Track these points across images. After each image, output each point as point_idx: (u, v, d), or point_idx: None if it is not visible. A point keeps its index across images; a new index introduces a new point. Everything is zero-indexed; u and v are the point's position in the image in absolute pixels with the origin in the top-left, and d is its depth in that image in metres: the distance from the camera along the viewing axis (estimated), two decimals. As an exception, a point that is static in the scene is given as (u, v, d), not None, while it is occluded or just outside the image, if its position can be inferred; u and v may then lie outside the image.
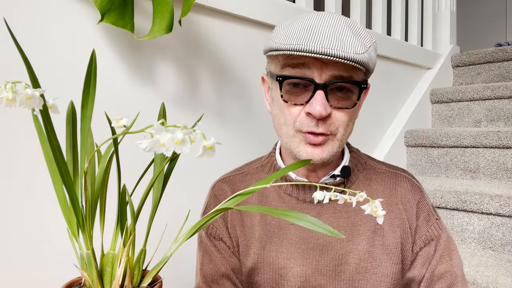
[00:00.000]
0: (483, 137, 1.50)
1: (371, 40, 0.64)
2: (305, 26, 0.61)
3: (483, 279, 1.05)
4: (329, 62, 0.60)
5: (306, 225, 0.41)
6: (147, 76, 0.85)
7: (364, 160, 0.77)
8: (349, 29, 0.61)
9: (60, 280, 0.50)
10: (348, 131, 0.66)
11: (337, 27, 0.61)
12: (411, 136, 1.71)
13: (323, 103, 0.59)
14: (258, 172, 0.77)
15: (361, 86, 0.61)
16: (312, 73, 0.60)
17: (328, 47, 0.57)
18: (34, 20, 0.69)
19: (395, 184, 0.73)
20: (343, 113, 0.63)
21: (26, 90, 0.35)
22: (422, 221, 0.71)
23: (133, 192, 0.50)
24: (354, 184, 0.73)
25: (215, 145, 0.40)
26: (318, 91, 0.60)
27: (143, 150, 0.36)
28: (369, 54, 0.61)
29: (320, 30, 0.60)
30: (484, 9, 3.83)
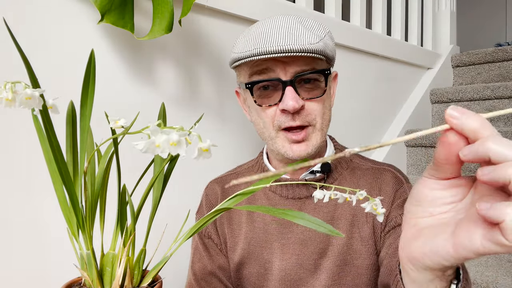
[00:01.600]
0: (483, 137, 1.50)
1: (324, 30, 0.67)
2: (259, 31, 0.65)
3: (483, 279, 1.05)
4: (290, 60, 0.63)
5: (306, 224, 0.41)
6: (147, 76, 0.85)
7: (350, 158, 0.78)
8: (300, 25, 0.65)
9: (60, 280, 0.50)
10: (326, 119, 0.69)
11: (289, 25, 0.64)
12: (411, 136, 1.71)
13: (294, 97, 0.63)
14: (248, 173, 0.81)
15: (325, 73, 0.65)
16: (277, 74, 0.64)
17: (283, 44, 0.60)
18: (34, 20, 0.69)
19: (378, 179, 0.74)
20: (315, 102, 0.66)
21: (25, 90, 0.35)
22: (395, 207, 0.70)
23: (133, 192, 0.50)
24: (337, 180, 0.74)
25: (211, 147, 0.40)
26: (287, 88, 0.64)
27: (140, 151, 0.36)
28: (324, 42, 0.64)
29: (273, 32, 0.64)
30: (484, 9, 3.83)
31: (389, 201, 0.71)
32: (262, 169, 0.79)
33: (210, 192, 0.81)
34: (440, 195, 0.34)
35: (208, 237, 0.78)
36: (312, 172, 0.73)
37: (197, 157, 0.40)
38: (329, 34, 0.69)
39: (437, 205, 0.35)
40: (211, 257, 0.77)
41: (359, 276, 0.69)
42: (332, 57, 0.67)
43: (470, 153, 0.29)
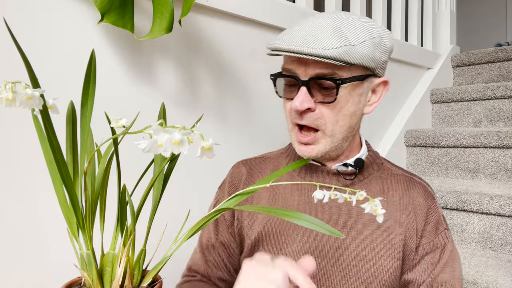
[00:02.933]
0: (483, 137, 1.50)
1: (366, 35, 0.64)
2: (292, 27, 0.67)
3: (483, 279, 1.05)
4: (311, 62, 0.64)
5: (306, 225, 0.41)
6: (147, 76, 0.85)
7: (381, 161, 0.80)
8: (331, 27, 0.63)
9: (60, 280, 0.50)
10: (339, 125, 0.68)
11: (319, 25, 0.64)
12: (411, 136, 1.71)
13: (302, 98, 0.64)
14: (277, 158, 0.83)
15: (336, 82, 0.64)
16: (298, 73, 0.66)
17: (295, 44, 0.61)
18: (34, 20, 0.69)
19: (409, 187, 0.75)
20: (327, 107, 0.66)
21: (26, 90, 0.35)
22: (430, 228, 0.72)
23: (133, 192, 0.50)
24: (367, 179, 0.76)
25: (213, 146, 0.40)
26: (301, 88, 0.65)
27: (142, 150, 0.36)
28: (349, 48, 0.62)
29: (299, 30, 0.64)
30: (484, 9, 3.83)
31: (423, 217, 0.72)
32: (292, 155, 0.80)
33: (236, 172, 0.82)
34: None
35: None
36: (345, 165, 0.74)
37: (200, 155, 0.40)
38: (375, 40, 0.65)
39: None
40: (217, 232, 0.79)
41: (377, 276, 0.70)
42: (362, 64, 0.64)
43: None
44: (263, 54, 1.09)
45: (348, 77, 0.64)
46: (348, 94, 0.66)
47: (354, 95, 0.67)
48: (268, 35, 1.11)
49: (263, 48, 1.09)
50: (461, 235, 1.32)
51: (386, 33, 0.69)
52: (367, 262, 0.70)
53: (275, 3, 1.09)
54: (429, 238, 0.71)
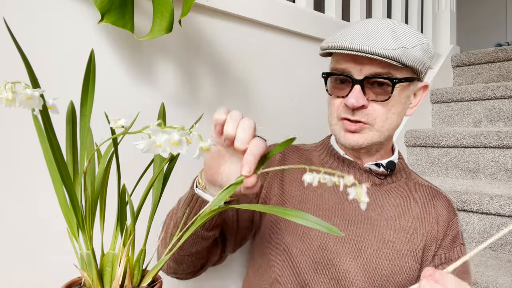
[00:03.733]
0: (483, 137, 1.50)
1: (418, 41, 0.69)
2: (348, 28, 0.71)
3: (483, 279, 1.05)
4: (367, 61, 0.67)
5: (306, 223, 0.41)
6: (147, 76, 0.85)
7: (409, 171, 0.84)
8: (388, 30, 0.68)
9: (60, 280, 0.50)
10: (388, 123, 0.71)
11: (376, 27, 0.68)
12: (411, 136, 1.71)
13: (357, 96, 0.68)
14: (311, 150, 0.86)
15: (393, 81, 0.67)
16: (352, 71, 0.69)
17: (358, 44, 0.64)
18: (34, 20, 0.69)
19: (434, 198, 0.78)
20: (379, 105, 0.70)
21: (25, 90, 0.35)
22: (448, 240, 0.75)
23: (133, 192, 0.50)
24: (394, 183, 0.79)
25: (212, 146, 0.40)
26: (355, 86, 0.68)
27: (141, 151, 0.36)
28: (405, 51, 0.66)
29: (356, 30, 0.68)
30: (484, 9, 3.83)
31: (443, 227, 0.76)
32: (327, 149, 0.83)
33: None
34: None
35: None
36: (377, 165, 0.77)
37: (198, 156, 0.40)
38: (423, 46, 0.70)
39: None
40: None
41: (394, 276, 0.72)
42: (414, 67, 0.68)
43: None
44: (263, 55, 1.09)
45: (402, 78, 0.68)
46: (398, 94, 0.70)
47: (402, 96, 0.71)
48: (268, 35, 1.11)
49: (263, 48, 1.09)
50: (461, 235, 1.32)
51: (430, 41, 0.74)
52: (387, 260, 0.72)
53: (275, 3, 1.09)
54: (445, 250, 0.75)
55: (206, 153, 0.41)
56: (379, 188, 0.78)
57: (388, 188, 0.78)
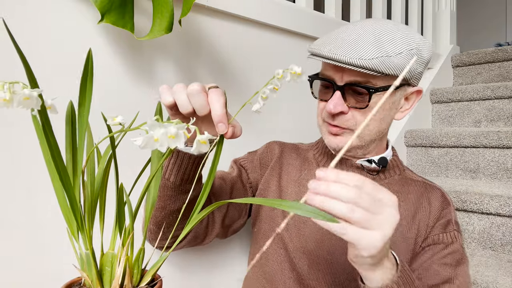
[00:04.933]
0: (483, 137, 1.50)
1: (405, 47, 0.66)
2: (333, 33, 0.71)
3: (483, 279, 1.05)
4: (346, 69, 0.68)
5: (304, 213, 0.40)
6: (147, 76, 0.85)
7: (403, 168, 0.84)
8: (371, 37, 0.67)
9: (60, 280, 0.50)
10: (368, 129, 0.73)
11: (358, 35, 0.67)
12: (411, 136, 1.71)
13: (336, 103, 0.69)
14: (307, 150, 0.89)
15: (370, 90, 0.67)
16: (335, 78, 0.70)
17: (334, 52, 0.65)
18: (33, 20, 0.69)
19: (428, 191, 0.79)
20: (359, 112, 0.71)
21: (24, 91, 0.35)
22: (440, 224, 0.75)
23: (131, 191, 0.50)
24: (387, 179, 0.80)
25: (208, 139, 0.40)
26: (336, 92, 0.70)
27: (139, 147, 0.36)
28: (386, 59, 0.64)
29: (338, 37, 0.68)
30: (484, 9, 3.83)
31: (435, 215, 0.76)
32: (323, 149, 0.85)
33: (271, 146, 0.90)
34: None
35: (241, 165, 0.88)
36: (369, 161, 0.79)
37: (195, 150, 0.40)
38: (411, 51, 0.67)
39: None
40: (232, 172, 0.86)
41: None
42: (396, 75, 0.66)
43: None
44: (263, 55, 1.09)
45: (382, 86, 0.68)
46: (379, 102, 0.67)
47: (386, 102, 0.72)
48: (268, 35, 1.11)
49: (263, 48, 1.09)
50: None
51: (425, 44, 0.71)
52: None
53: (275, 3, 1.10)
54: (436, 232, 0.74)
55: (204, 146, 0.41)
56: None
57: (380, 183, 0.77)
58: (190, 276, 0.93)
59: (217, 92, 0.53)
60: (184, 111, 0.54)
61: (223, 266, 1.00)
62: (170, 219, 0.70)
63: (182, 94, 0.54)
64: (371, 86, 0.68)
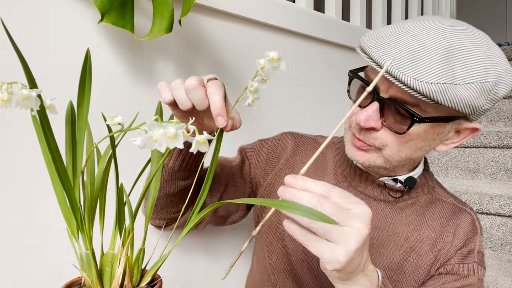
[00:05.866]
0: (483, 137, 1.50)
1: (476, 77, 0.52)
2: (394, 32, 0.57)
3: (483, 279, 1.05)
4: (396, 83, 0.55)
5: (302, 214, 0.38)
6: (147, 76, 0.85)
7: (433, 185, 0.74)
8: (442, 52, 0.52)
9: (60, 280, 0.50)
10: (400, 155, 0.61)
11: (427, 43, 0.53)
12: (411, 136, 1.71)
13: (369, 115, 0.58)
14: (328, 147, 0.79)
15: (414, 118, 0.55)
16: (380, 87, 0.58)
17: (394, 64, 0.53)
18: (33, 20, 0.69)
19: (456, 215, 0.70)
20: (391, 134, 0.59)
21: (22, 91, 0.35)
22: (460, 253, 0.67)
23: (131, 191, 0.50)
24: (412, 199, 0.70)
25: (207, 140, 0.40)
26: (374, 102, 0.58)
27: (138, 147, 0.36)
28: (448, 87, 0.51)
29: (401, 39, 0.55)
30: (484, 9, 3.83)
31: (458, 245, 0.67)
32: (341, 149, 0.75)
33: (284, 140, 0.82)
34: None
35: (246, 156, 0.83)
36: (395, 180, 0.69)
37: (194, 149, 0.40)
38: (485, 85, 0.53)
39: None
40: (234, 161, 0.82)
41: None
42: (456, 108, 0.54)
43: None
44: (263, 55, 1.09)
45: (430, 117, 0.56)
46: (423, 131, 0.58)
47: (430, 132, 0.59)
48: (268, 35, 1.11)
49: (263, 48, 1.09)
50: (461, 235, 1.32)
51: (507, 77, 0.55)
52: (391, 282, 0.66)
53: (275, 3, 1.09)
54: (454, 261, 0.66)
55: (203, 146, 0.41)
56: (392, 204, 0.70)
57: (403, 205, 0.70)
58: (190, 277, 0.93)
59: (215, 84, 0.52)
60: (184, 107, 0.53)
61: (225, 267, 1.00)
62: (164, 201, 0.69)
63: (180, 91, 0.53)
64: (417, 113, 0.55)
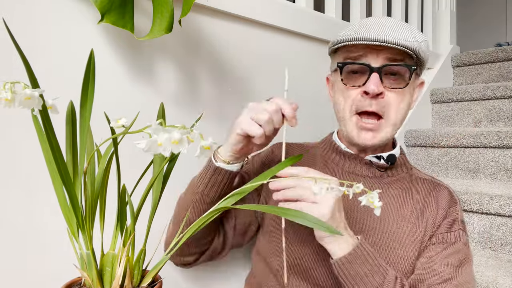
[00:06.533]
0: (483, 137, 1.50)
1: (423, 37, 0.72)
2: (363, 22, 0.74)
3: (483, 279, 1.05)
4: (383, 49, 0.70)
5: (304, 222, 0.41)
6: (147, 76, 0.85)
7: (410, 166, 0.85)
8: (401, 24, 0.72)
9: (60, 280, 0.50)
10: (400, 113, 0.73)
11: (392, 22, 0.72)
12: (411, 136, 1.71)
13: (377, 82, 0.69)
14: (314, 148, 0.88)
15: (412, 68, 0.70)
16: (369, 60, 0.71)
17: (380, 34, 0.67)
18: (33, 20, 0.69)
19: (435, 189, 0.79)
20: (395, 93, 0.72)
21: (25, 90, 0.35)
22: (446, 222, 0.75)
23: (132, 192, 0.50)
24: (395, 177, 0.81)
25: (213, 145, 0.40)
26: (373, 74, 0.70)
27: (142, 150, 0.36)
28: (419, 45, 0.69)
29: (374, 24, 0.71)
30: (484, 9, 3.83)
31: (442, 214, 0.76)
32: (331, 146, 0.84)
33: (276, 149, 0.88)
34: None
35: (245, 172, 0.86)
36: (378, 158, 0.79)
37: (199, 155, 0.40)
38: (426, 43, 0.74)
39: None
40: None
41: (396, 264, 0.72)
42: (422, 60, 0.72)
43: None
44: (263, 55, 1.09)
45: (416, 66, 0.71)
46: (411, 84, 0.73)
47: (412, 87, 0.75)
48: (268, 35, 1.11)
49: (263, 48, 1.09)
50: (461, 235, 1.32)
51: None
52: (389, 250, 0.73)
53: (275, 3, 1.09)
54: (441, 231, 0.75)
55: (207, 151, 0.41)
56: (379, 180, 0.80)
57: (388, 180, 0.80)
58: (190, 277, 0.93)
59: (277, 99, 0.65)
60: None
61: (225, 268, 1.00)
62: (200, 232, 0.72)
63: (268, 125, 0.64)
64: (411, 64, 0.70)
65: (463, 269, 0.70)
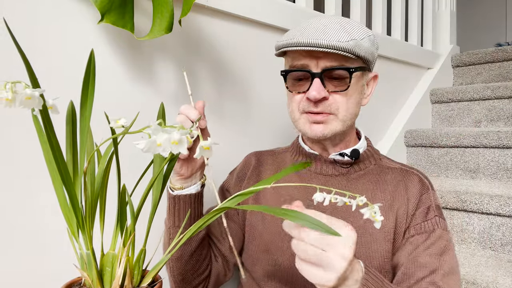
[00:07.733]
0: (483, 137, 1.50)
1: (365, 33, 0.72)
2: (299, 26, 0.73)
3: (483, 279, 1.05)
4: (322, 56, 0.70)
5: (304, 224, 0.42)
6: (147, 76, 0.85)
7: (380, 156, 0.85)
8: (338, 25, 0.71)
9: (60, 280, 0.50)
10: (350, 112, 0.74)
11: (326, 23, 0.71)
12: (411, 136, 1.71)
13: (318, 88, 0.70)
14: (284, 153, 0.90)
15: (350, 70, 0.70)
16: (310, 67, 0.72)
17: (315, 38, 0.67)
18: (34, 20, 0.69)
19: (405, 178, 0.79)
20: (340, 95, 0.72)
21: (25, 90, 0.35)
22: (420, 212, 0.75)
23: (133, 192, 0.50)
24: (363, 170, 0.81)
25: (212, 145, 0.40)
26: (315, 79, 0.71)
27: (141, 150, 0.36)
28: (357, 43, 0.69)
29: (309, 27, 0.71)
30: (484, 9, 3.83)
31: (415, 203, 0.75)
32: (297, 149, 0.86)
33: (247, 161, 0.90)
34: None
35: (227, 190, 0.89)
36: (341, 155, 0.80)
37: (198, 155, 0.40)
38: (370, 37, 0.73)
39: None
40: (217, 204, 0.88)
41: (371, 259, 0.72)
42: (365, 58, 0.72)
43: None
44: (263, 54, 1.09)
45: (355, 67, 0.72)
46: (355, 84, 0.73)
47: (358, 85, 0.75)
48: (268, 35, 1.11)
49: (263, 48, 1.09)
50: (461, 235, 1.32)
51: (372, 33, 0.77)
52: (361, 246, 0.73)
53: (275, 3, 1.09)
54: (417, 221, 0.74)
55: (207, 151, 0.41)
56: (347, 177, 0.80)
57: (355, 176, 0.80)
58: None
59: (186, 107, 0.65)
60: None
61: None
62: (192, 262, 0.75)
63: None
64: (350, 66, 0.71)
65: (447, 257, 0.70)
